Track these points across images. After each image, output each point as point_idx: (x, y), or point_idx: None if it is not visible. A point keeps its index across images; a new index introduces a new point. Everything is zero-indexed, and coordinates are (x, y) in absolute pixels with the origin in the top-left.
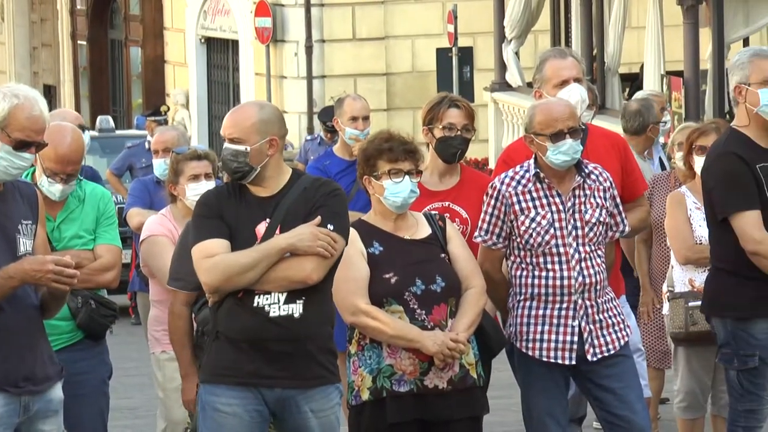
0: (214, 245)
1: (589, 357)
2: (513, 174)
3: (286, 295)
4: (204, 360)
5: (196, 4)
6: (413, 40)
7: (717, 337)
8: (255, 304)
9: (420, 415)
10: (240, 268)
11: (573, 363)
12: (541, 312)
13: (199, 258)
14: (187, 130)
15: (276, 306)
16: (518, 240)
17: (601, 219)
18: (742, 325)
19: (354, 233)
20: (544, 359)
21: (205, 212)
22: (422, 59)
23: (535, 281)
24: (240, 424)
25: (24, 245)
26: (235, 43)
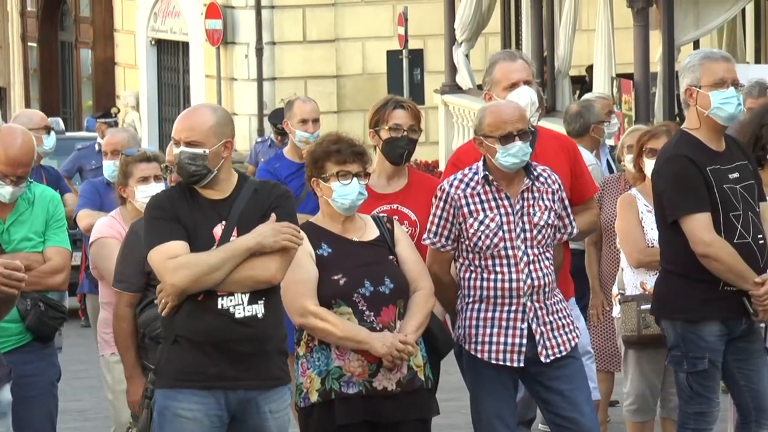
0: (176, 247)
1: (543, 358)
2: (462, 176)
3: (248, 296)
4: (160, 365)
5: (146, 6)
6: (364, 43)
7: (667, 339)
8: (219, 306)
9: (369, 417)
10: (208, 269)
11: (522, 365)
12: (489, 314)
13: (162, 260)
14: (137, 132)
15: (241, 307)
16: (467, 242)
17: (550, 221)
18: (691, 328)
19: (302, 235)
20: (493, 362)
21: (162, 215)
22: (373, 61)
23: (484, 284)
24: (200, 429)
25: None
26: (185, 45)
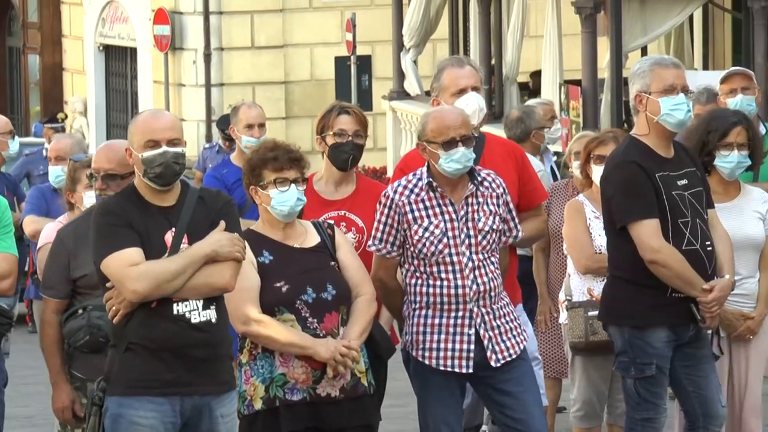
0: (134, 254)
1: (493, 363)
2: (406, 183)
3: (203, 301)
4: (112, 373)
5: (94, 12)
6: (312, 49)
7: (614, 345)
8: (175, 312)
9: (314, 423)
10: (170, 276)
11: (471, 371)
12: (436, 321)
13: (121, 267)
14: (85, 138)
15: (196, 312)
16: (412, 249)
17: (495, 226)
18: (639, 334)
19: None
20: (441, 368)
21: (114, 221)
22: (321, 67)
23: (430, 290)
24: None
25: None
26: (133, 51)
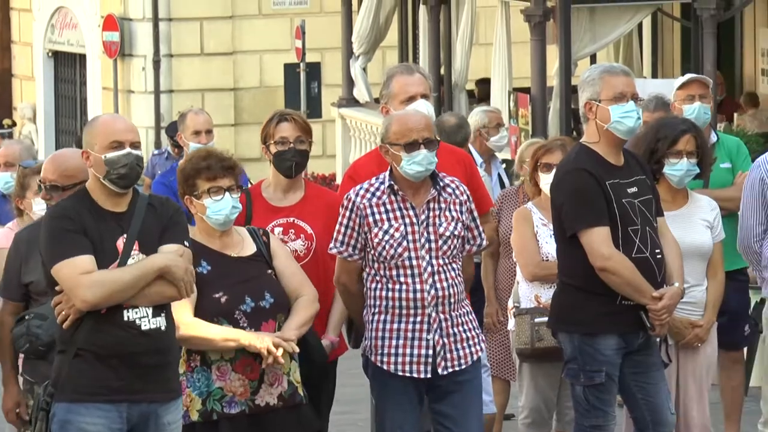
0: (86, 262)
1: (440, 370)
2: (368, 186)
3: (152, 308)
4: (61, 378)
5: (43, 18)
6: (261, 55)
7: (564, 353)
8: (125, 319)
9: None
10: (124, 285)
11: (429, 376)
12: (395, 326)
13: (74, 275)
14: (34, 144)
15: (146, 319)
16: (372, 252)
17: (456, 232)
18: (588, 341)
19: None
20: (399, 373)
21: (69, 225)
22: (270, 74)
23: (389, 294)
24: None
25: None
26: (82, 57)
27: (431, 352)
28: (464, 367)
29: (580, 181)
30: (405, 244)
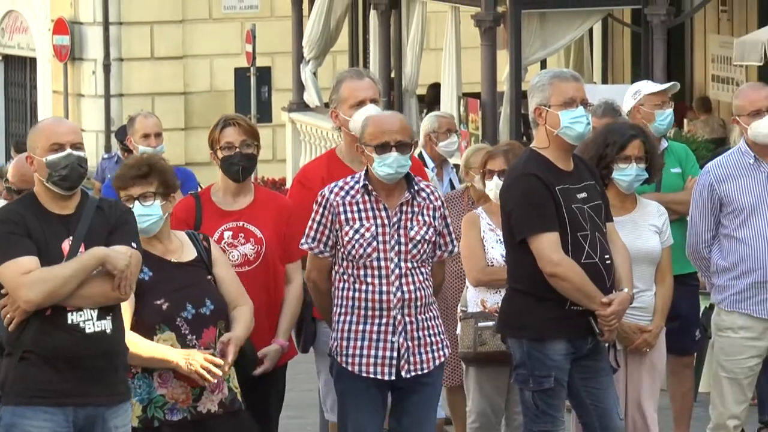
0: (28, 262)
1: (404, 373)
2: (343, 184)
3: (97, 311)
4: (7, 381)
5: None
6: (211, 60)
7: (513, 358)
8: (69, 322)
9: None
10: (62, 281)
11: (393, 378)
12: (360, 327)
13: (15, 275)
14: None
15: (90, 322)
16: (342, 250)
17: (427, 237)
18: (537, 346)
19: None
20: (364, 374)
21: (12, 229)
22: (220, 78)
23: (355, 294)
24: None
25: None
26: (32, 61)
27: (396, 354)
28: (427, 371)
29: (530, 186)
30: (375, 244)
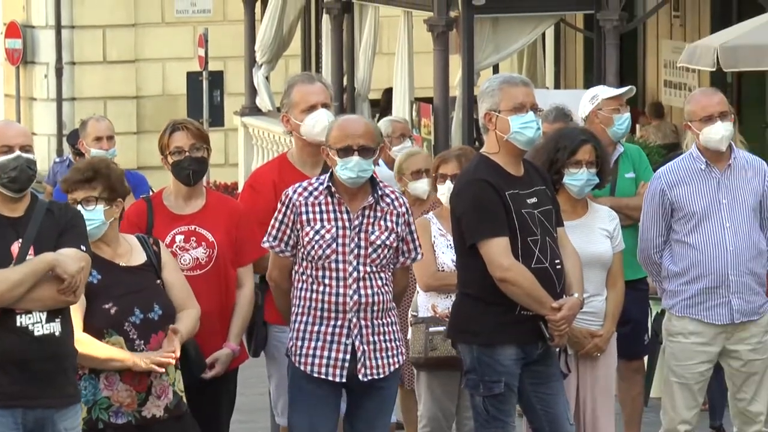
0: None
1: (360, 377)
2: (307, 185)
3: (46, 314)
4: None
5: None
6: (164, 64)
7: (463, 363)
8: (18, 324)
9: None
10: (12, 285)
11: (344, 380)
12: (315, 328)
13: None
14: None
15: (39, 325)
16: (302, 250)
17: (388, 242)
18: (487, 351)
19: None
20: (315, 375)
21: None
22: (173, 82)
23: (312, 295)
24: None
25: None
26: None
27: (349, 356)
28: (383, 376)
29: (480, 191)
30: (334, 246)
